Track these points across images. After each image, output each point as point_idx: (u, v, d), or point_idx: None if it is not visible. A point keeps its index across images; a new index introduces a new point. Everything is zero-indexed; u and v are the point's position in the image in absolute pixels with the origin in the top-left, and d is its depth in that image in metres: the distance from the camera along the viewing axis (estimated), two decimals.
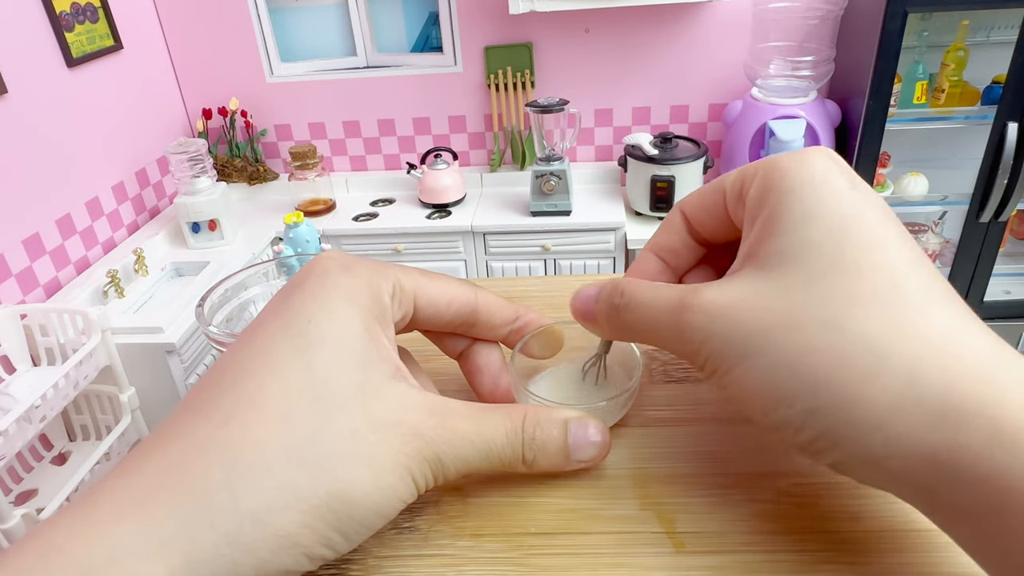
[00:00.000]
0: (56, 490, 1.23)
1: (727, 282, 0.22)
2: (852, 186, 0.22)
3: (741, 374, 0.21)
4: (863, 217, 0.21)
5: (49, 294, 1.62)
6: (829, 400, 0.19)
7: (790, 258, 0.21)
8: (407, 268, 0.26)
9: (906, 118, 1.82)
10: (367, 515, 0.21)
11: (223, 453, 0.20)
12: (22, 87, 1.55)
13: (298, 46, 2.14)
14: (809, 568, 0.22)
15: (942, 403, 0.18)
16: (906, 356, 0.19)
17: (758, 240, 0.22)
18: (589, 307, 0.26)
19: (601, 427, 0.26)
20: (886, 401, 0.18)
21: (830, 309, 0.20)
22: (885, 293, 0.20)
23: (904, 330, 0.19)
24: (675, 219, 0.27)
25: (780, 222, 0.21)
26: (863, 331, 0.19)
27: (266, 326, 0.23)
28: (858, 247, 0.20)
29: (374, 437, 0.21)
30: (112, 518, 0.19)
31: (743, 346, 0.21)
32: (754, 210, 0.23)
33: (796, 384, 0.20)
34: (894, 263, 0.20)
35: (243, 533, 0.19)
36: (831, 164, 0.22)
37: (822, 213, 0.21)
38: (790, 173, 0.22)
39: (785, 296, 0.21)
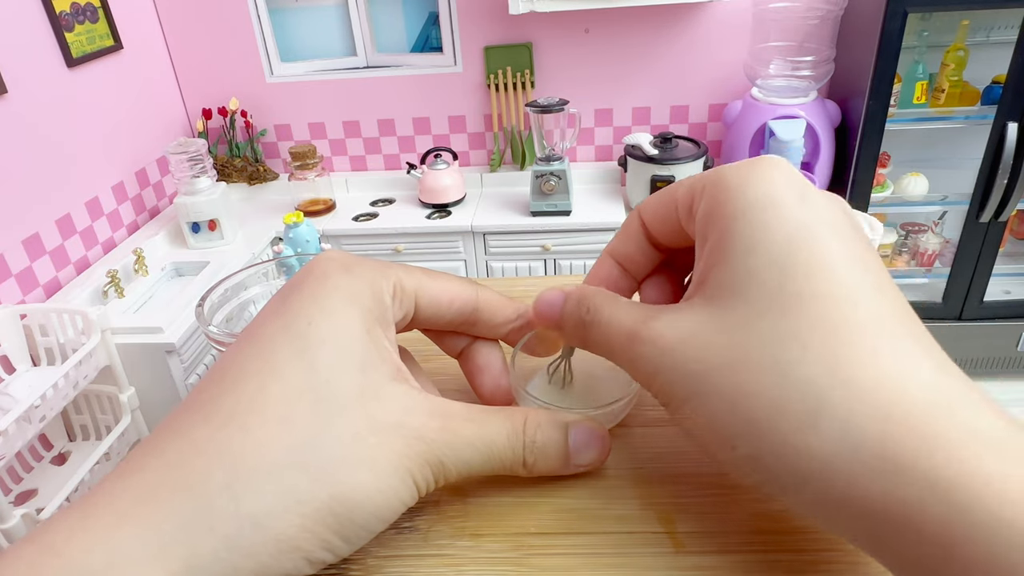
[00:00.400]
0: (56, 490, 1.23)
1: (677, 314, 0.22)
2: (801, 201, 0.21)
3: (688, 412, 0.21)
4: (810, 240, 0.20)
5: (49, 294, 1.62)
6: (769, 448, 0.19)
7: (734, 291, 0.20)
8: (409, 267, 0.26)
9: (906, 118, 1.82)
10: (368, 519, 0.21)
11: (223, 455, 0.20)
12: (22, 87, 1.55)
13: (298, 46, 2.14)
14: (808, 568, 0.22)
15: (879, 453, 0.17)
16: (842, 404, 0.18)
17: (707, 268, 0.22)
18: (554, 313, 0.26)
19: (601, 431, 0.26)
20: (823, 451, 0.18)
21: (769, 350, 0.19)
22: (825, 330, 0.19)
23: (841, 374, 0.18)
24: (633, 225, 0.27)
25: (725, 250, 0.21)
26: (800, 375, 0.19)
27: (266, 327, 0.23)
28: (801, 276, 0.19)
29: (375, 440, 0.21)
30: (111, 521, 0.19)
31: (688, 385, 0.21)
32: (703, 232, 0.22)
33: (737, 428, 0.20)
34: (838, 292, 0.19)
35: (243, 537, 0.19)
36: (778, 179, 0.21)
37: (766, 240, 0.20)
38: (735, 194, 0.21)
39: (727, 334, 0.20)
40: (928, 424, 0.17)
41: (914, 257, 2.02)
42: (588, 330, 0.25)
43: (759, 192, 0.21)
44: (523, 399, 0.27)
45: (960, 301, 1.95)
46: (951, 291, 1.94)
